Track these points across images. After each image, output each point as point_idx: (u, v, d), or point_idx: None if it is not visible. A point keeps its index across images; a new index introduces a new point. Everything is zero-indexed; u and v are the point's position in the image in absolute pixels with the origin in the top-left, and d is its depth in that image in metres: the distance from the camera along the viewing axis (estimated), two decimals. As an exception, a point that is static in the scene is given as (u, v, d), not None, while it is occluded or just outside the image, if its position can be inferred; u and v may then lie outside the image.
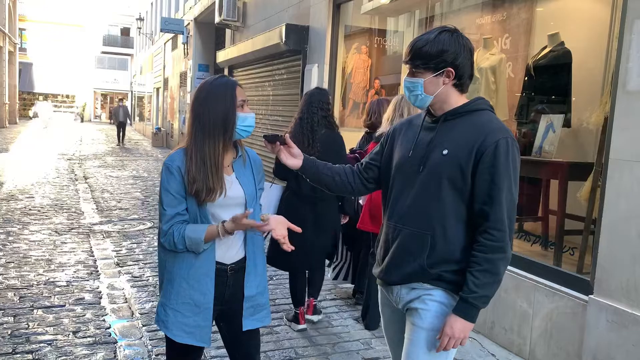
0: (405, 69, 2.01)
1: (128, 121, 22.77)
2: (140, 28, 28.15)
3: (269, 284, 4.94)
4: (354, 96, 7.20)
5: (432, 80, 1.90)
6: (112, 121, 23.20)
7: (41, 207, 8.32)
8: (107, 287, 4.79)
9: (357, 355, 3.69)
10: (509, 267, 3.40)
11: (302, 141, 3.77)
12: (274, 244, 3.89)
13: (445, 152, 1.89)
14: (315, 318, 4.18)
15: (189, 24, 17.35)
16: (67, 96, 49.31)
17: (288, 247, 2.09)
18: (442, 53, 1.87)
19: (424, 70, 1.91)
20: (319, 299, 4.45)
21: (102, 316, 4.16)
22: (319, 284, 4.24)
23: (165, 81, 23.24)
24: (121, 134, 21.62)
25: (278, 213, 3.50)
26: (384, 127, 3.79)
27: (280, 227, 2.10)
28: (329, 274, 4.68)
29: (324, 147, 3.85)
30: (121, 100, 24.16)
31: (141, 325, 3.99)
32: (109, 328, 3.94)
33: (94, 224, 7.32)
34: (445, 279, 1.92)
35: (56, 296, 4.54)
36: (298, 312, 4.08)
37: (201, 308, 2.12)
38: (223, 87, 2.09)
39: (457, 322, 1.85)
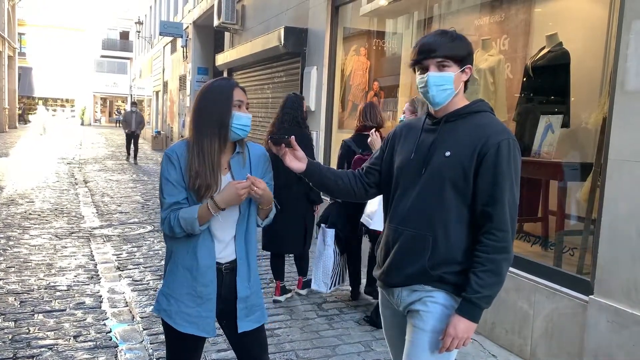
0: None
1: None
2: (139, 32, 28.21)
3: (268, 286, 4.96)
4: (353, 98, 7.20)
5: (458, 76, 1.93)
6: (117, 124, 19.19)
7: (41, 212, 8.32)
8: (108, 291, 4.79)
9: (357, 357, 3.69)
10: (509, 268, 3.41)
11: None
12: (263, 231, 4.52)
13: (447, 153, 1.89)
14: (303, 292, 4.88)
15: (188, 27, 17.37)
16: (67, 100, 49.39)
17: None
18: (470, 51, 1.95)
19: (454, 64, 1.92)
20: (320, 301, 4.66)
21: (103, 320, 4.16)
22: (303, 264, 4.89)
23: (165, 84, 23.26)
24: (132, 147, 16.87)
25: None
26: None
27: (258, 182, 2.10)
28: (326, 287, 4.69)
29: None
30: (134, 105, 18.46)
31: (142, 329, 3.99)
32: (109, 332, 3.94)
33: (94, 228, 7.32)
34: (446, 280, 1.92)
35: (57, 300, 4.54)
36: (275, 285, 4.78)
37: (204, 299, 2.15)
38: (221, 87, 2.15)
39: (460, 322, 1.86)
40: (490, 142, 1.83)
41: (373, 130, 4.21)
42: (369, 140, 4.18)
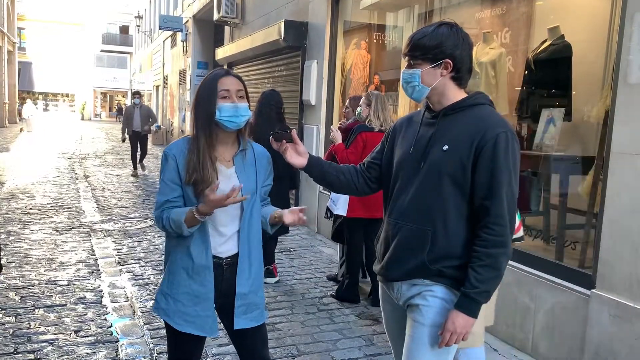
0: (404, 63, 2.01)
1: (152, 128, 13.34)
2: (139, 26, 28.13)
3: (271, 282, 4.96)
4: (353, 92, 7.16)
5: (429, 71, 1.90)
6: (123, 133, 12.31)
7: (42, 206, 8.32)
8: (109, 286, 4.78)
9: (358, 352, 3.69)
10: (510, 262, 3.38)
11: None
12: None
13: (445, 147, 1.88)
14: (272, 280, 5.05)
15: (187, 21, 17.32)
16: (67, 95, 49.35)
17: (304, 221, 2.20)
18: (440, 44, 1.88)
19: (422, 61, 1.91)
20: (321, 295, 4.70)
21: (104, 315, 4.16)
22: (269, 251, 5.04)
23: (165, 79, 23.21)
24: (137, 154, 12.34)
25: None
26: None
27: (289, 216, 2.21)
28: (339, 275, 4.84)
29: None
30: (137, 94, 12.93)
31: (143, 324, 3.99)
32: (110, 327, 3.94)
33: (94, 223, 7.32)
34: (446, 274, 1.91)
35: (57, 295, 4.54)
36: (272, 268, 4.99)
37: (200, 298, 2.14)
38: (208, 79, 2.15)
39: (458, 317, 1.85)
40: (488, 135, 1.82)
41: (332, 126, 4.44)
42: (330, 135, 4.42)
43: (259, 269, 2.26)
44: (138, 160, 12.37)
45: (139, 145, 12.19)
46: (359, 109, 4.42)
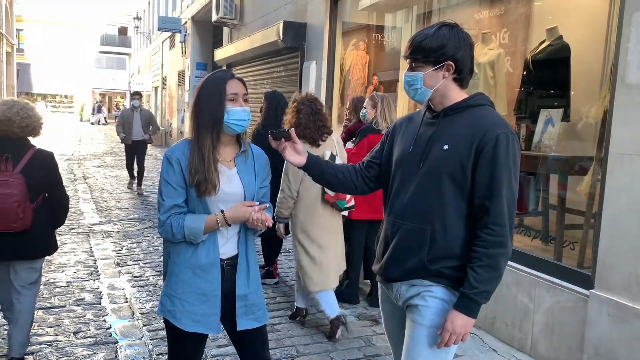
0: (404, 64, 2.00)
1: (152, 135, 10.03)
2: (137, 27, 28.12)
3: (271, 282, 4.96)
4: (352, 93, 7.17)
5: (431, 74, 1.90)
6: (120, 137, 9.95)
7: (41, 208, 8.29)
8: (108, 287, 4.78)
9: (358, 352, 3.69)
10: (509, 262, 3.38)
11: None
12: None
13: (445, 147, 1.88)
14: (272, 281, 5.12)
15: (186, 22, 17.32)
16: (66, 96, 49.33)
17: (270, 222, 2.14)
18: (442, 47, 1.87)
19: (424, 64, 1.91)
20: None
21: (103, 316, 4.16)
22: (276, 251, 5.15)
23: (164, 80, 23.21)
24: (135, 167, 10.09)
25: None
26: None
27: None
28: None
29: None
30: (137, 95, 10.29)
31: (142, 325, 3.99)
32: (109, 328, 3.94)
33: (93, 224, 7.31)
34: (445, 275, 1.91)
35: (56, 297, 4.53)
36: (272, 269, 5.03)
37: (208, 296, 2.14)
38: (214, 81, 2.13)
39: (458, 317, 1.85)
40: (488, 136, 1.82)
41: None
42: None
43: (256, 268, 2.27)
44: (137, 179, 10.15)
45: (135, 157, 9.94)
46: (363, 110, 4.42)
